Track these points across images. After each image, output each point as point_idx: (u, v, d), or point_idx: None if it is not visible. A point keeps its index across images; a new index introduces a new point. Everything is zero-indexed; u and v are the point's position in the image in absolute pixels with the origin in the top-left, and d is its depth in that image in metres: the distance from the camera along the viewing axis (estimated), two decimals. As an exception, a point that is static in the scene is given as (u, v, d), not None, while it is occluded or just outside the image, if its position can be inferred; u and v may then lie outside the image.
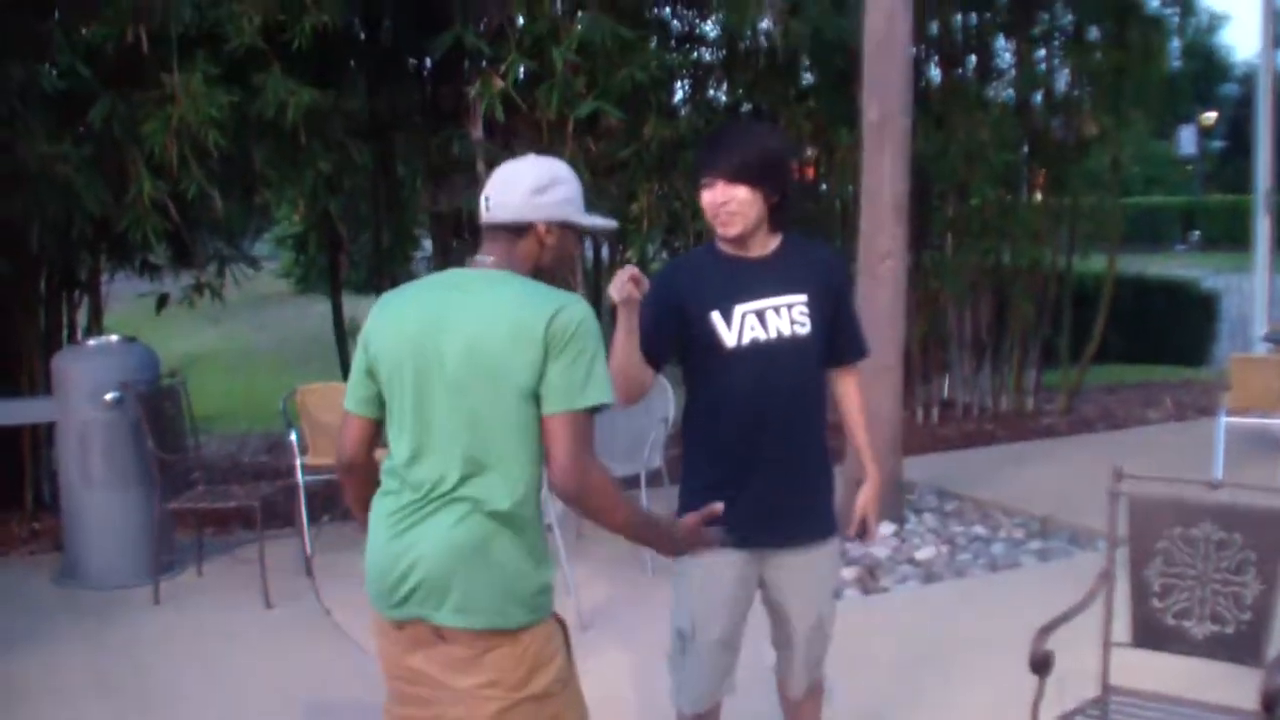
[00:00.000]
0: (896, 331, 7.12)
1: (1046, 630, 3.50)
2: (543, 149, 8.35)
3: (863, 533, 3.67)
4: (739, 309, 3.35)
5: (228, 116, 6.99)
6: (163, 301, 8.98)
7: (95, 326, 8.42)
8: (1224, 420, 8.11)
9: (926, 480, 8.38)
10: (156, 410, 6.47)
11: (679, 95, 9.50)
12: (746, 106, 9.81)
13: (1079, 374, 11.20)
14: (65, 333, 8.37)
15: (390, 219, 9.24)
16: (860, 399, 3.68)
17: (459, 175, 8.54)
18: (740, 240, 3.37)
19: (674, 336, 3.39)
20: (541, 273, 2.80)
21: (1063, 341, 11.13)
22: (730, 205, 3.29)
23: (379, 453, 2.89)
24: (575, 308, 2.65)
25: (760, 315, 3.36)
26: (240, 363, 18.35)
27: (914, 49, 7.05)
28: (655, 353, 3.36)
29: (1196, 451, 8.49)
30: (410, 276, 9.06)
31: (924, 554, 6.78)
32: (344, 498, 2.98)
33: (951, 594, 6.24)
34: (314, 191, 7.75)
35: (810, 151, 10.16)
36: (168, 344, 13.65)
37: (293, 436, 7.09)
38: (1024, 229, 10.12)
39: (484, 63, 8.03)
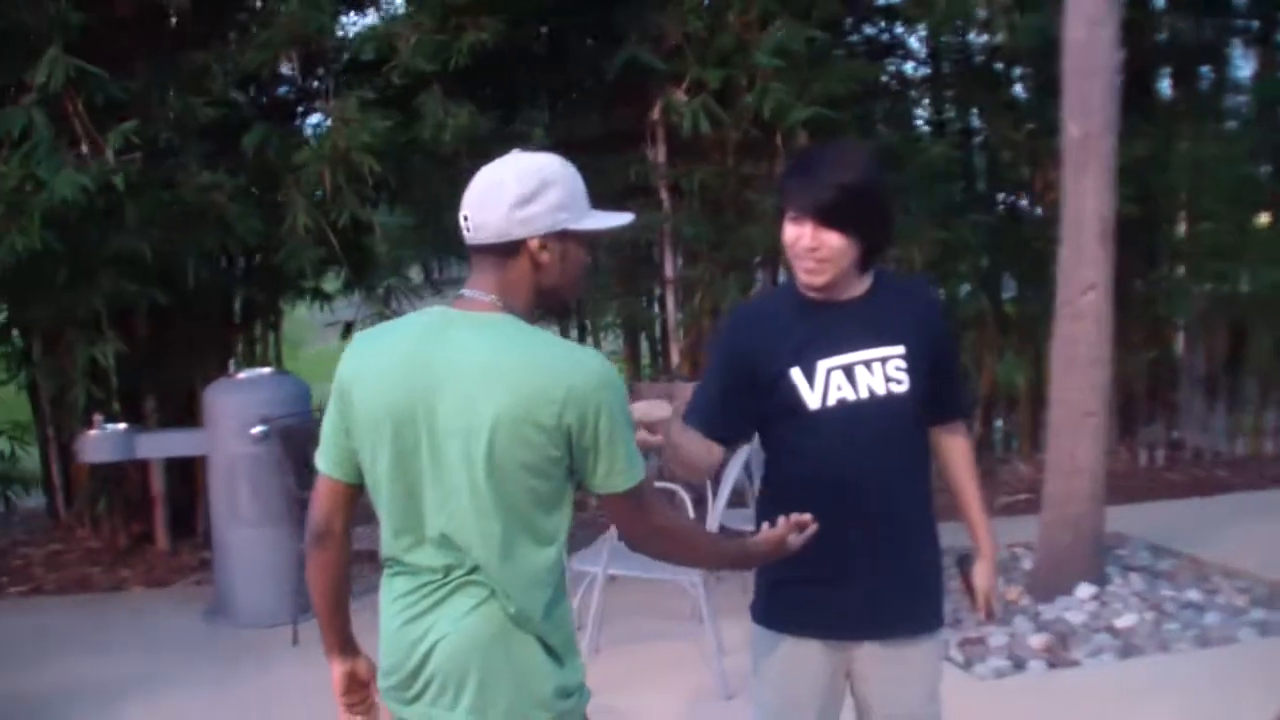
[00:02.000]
0: (1099, 374, 6.36)
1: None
2: (729, 172, 7.93)
3: (990, 614, 3.14)
4: (823, 364, 2.82)
5: (384, 141, 6.75)
6: (348, 330, 8.86)
7: (275, 358, 8.37)
8: None
9: (1142, 533, 7.56)
10: (298, 445, 6.23)
11: (879, 111, 8.86)
12: (954, 121, 9.16)
13: (1330, 413, 10.10)
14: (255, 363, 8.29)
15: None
16: (970, 462, 3.11)
17: (638, 200, 8.17)
18: (826, 288, 2.84)
19: (747, 408, 2.88)
20: (548, 294, 2.35)
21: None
22: (821, 252, 2.74)
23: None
24: (591, 376, 2.22)
25: (849, 371, 2.82)
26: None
27: (1121, 57, 6.27)
28: (724, 434, 2.88)
29: None
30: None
31: (1125, 621, 6.03)
32: (307, 574, 2.55)
33: (1150, 672, 5.49)
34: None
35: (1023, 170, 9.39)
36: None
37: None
38: (1263, 252, 9.13)
39: (663, 82, 7.60)
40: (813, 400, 2.81)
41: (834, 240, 2.73)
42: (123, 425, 6.69)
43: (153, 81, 6.64)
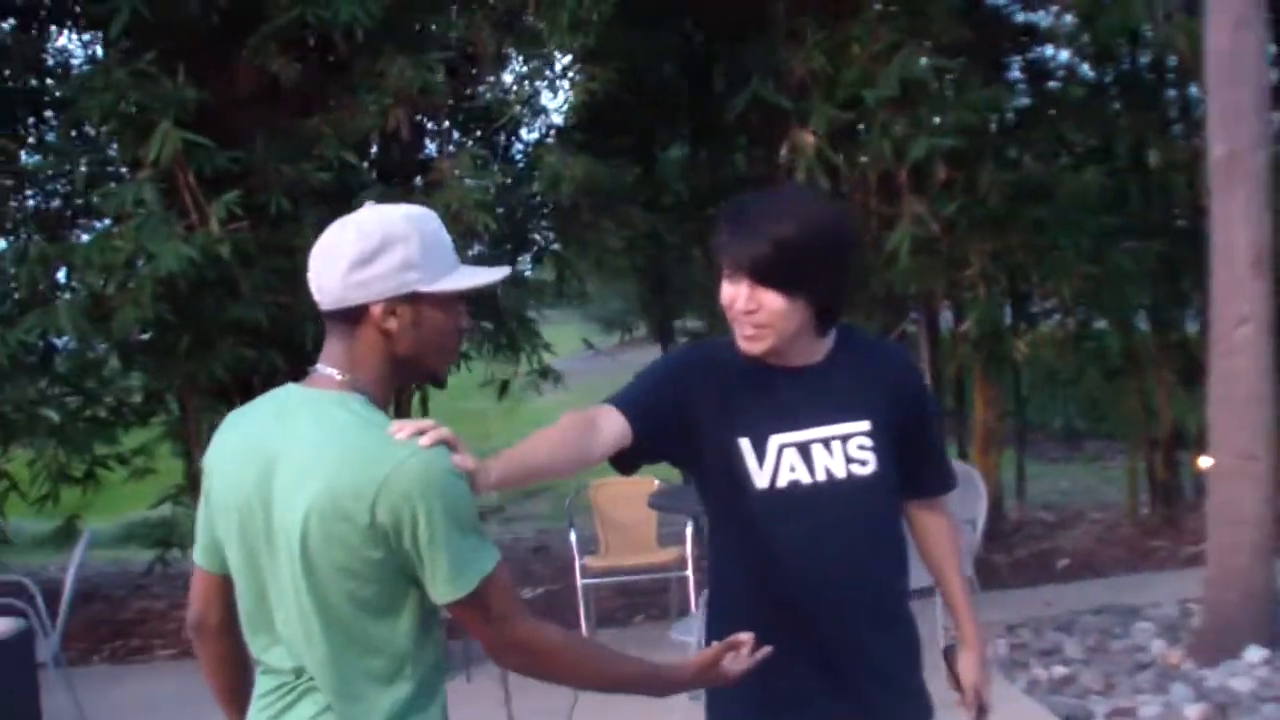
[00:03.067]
0: (1262, 413, 5.77)
1: None
2: (870, 211, 7.59)
3: (981, 712, 2.68)
4: (776, 440, 2.43)
5: (499, 198, 6.66)
6: (504, 389, 8.76)
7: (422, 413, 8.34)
8: None
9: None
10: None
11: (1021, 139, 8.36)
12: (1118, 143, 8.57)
13: None
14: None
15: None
16: (952, 542, 2.68)
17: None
18: (771, 355, 2.45)
19: (667, 415, 2.45)
20: (406, 366, 2.09)
21: None
22: (759, 315, 2.35)
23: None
24: (408, 473, 1.93)
25: (804, 450, 2.43)
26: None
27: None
28: (638, 413, 2.39)
29: None
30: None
31: (1299, 690, 5.42)
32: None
33: (1320, 750, 4.91)
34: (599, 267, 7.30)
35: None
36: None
37: (572, 536, 6.64)
38: None
39: (793, 120, 7.31)
40: (760, 479, 2.44)
41: (774, 302, 2.34)
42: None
43: (267, 150, 6.69)
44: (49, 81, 7.56)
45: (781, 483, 2.43)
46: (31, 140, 7.67)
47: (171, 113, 6.24)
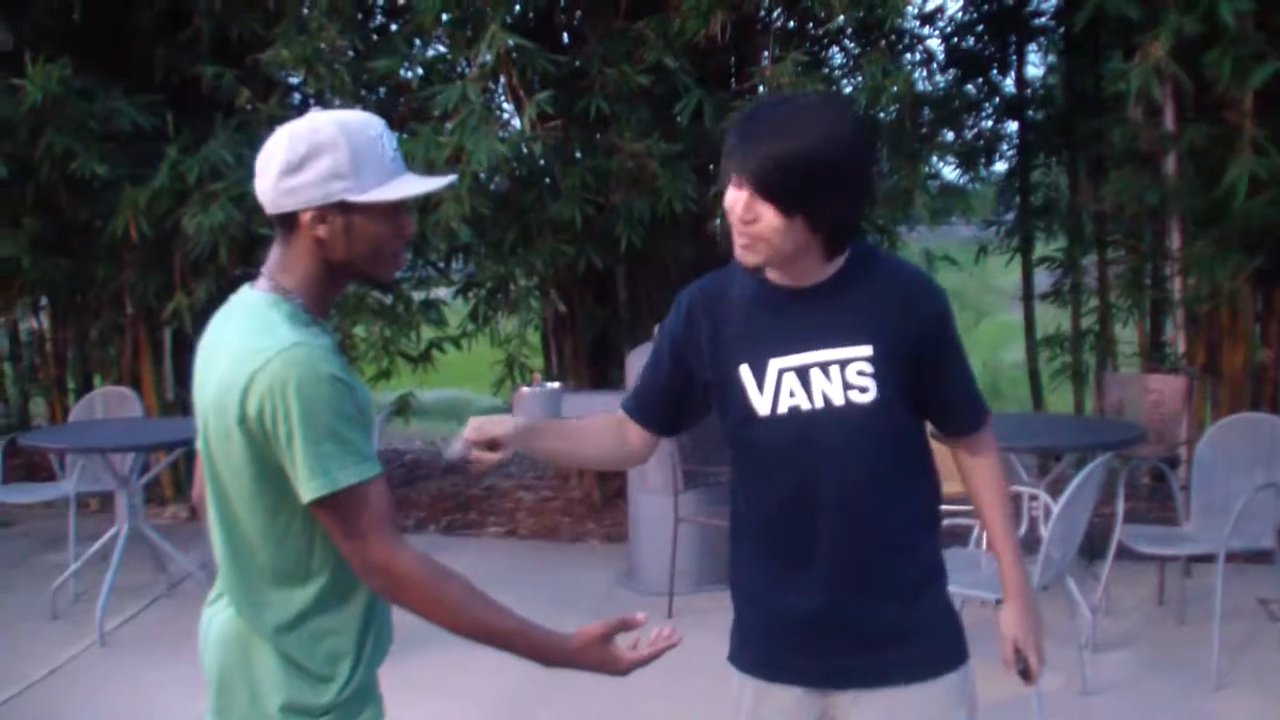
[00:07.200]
0: None
1: None
2: (1225, 133, 6.92)
3: (1025, 670, 2.54)
4: (775, 364, 2.38)
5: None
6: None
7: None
8: None
9: None
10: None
11: None
12: None
13: None
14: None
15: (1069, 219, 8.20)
16: (994, 483, 2.54)
17: (1131, 166, 7.38)
18: (772, 269, 2.39)
19: (689, 399, 2.54)
20: (340, 272, 2.16)
21: None
22: (755, 227, 2.28)
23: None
24: (271, 366, 2.01)
25: (803, 375, 2.37)
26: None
27: None
28: (659, 424, 2.60)
29: None
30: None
31: None
32: None
33: None
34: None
35: None
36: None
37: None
38: None
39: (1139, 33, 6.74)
40: (762, 405, 2.39)
41: (772, 218, 2.26)
42: (556, 384, 6.99)
43: (593, 53, 6.85)
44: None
45: (782, 409, 2.39)
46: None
47: (499, 15, 6.49)
